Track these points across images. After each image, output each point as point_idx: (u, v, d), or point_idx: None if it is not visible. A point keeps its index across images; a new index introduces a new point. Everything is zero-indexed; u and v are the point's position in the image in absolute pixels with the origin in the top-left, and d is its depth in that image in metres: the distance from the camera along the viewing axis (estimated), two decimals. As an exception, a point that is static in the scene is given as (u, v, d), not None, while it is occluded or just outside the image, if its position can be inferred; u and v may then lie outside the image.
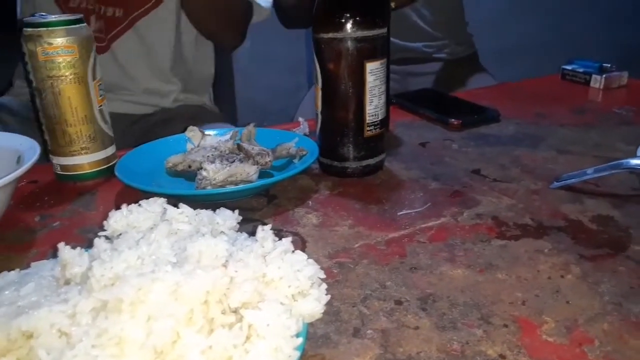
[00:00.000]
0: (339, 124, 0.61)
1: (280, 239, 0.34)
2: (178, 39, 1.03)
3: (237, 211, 0.39)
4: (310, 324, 0.36)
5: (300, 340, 0.29)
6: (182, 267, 0.29)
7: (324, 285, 0.32)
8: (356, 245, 0.47)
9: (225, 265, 0.29)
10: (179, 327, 0.27)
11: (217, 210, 0.39)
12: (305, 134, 0.71)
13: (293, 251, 0.33)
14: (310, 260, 0.33)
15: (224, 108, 1.22)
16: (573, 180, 0.55)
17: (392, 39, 1.31)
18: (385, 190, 0.59)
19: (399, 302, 0.39)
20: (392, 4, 0.93)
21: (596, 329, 0.35)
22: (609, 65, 0.95)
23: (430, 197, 0.56)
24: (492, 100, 0.90)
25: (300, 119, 0.76)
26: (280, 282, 0.31)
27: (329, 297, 0.32)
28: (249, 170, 0.55)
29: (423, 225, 0.50)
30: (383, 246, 0.46)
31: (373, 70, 0.59)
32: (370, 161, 0.62)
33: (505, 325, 0.36)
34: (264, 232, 0.33)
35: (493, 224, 0.49)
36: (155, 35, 1.00)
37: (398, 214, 0.53)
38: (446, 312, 0.37)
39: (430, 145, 0.71)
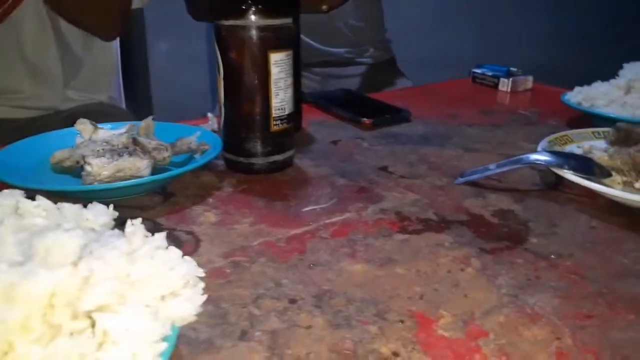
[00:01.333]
0: (243, 118, 0.58)
1: (170, 239, 0.30)
2: (57, 31, 0.92)
3: (111, 206, 0.34)
4: (194, 329, 0.32)
5: (164, 345, 0.25)
6: (24, 265, 0.25)
7: (201, 285, 0.29)
8: (255, 243, 0.44)
9: (76, 263, 0.25)
10: (12, 336, 0.22)
11: (89, 205, 0.34)
12: (213, 130, 0.67)
13: (167, 248, 0.29)
14: (187, 258, 0.29)
15: (139, 108, 1.14)
16: (476, 176, 0.55)
17: (314, 42, 1.32)
18: (292, 186, 0.56)
19: (293, 301, 0.36)
20: (324, 7, 0.92)
21: (492, 322, 0.34)
22: (516, 70, 0.99)
23: (337, 193, 0.54)
24: (405, 101, 0.90)
25: (209, 115, 0.72)
26: (147, 282, 0.27)
27: (204, 297, 0.28)
28: (140, 165, 0.50)
29: (327, 221, 0.47)
30: (283, 243, 0.44)
31: (278, 62, 0.56)
32: (278, 157, 0.59)
33: (402, 321, 0.34)
34: (134, 227, 0.29)
35: (396, 219, 0.48)
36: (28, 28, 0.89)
37: (302, 210, 0.50)
38: (342, 309, 0.35)
39: (341, 144, 0.70)
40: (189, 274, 0.28)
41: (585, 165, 0.51)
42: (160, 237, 0.30)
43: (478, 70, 1.02)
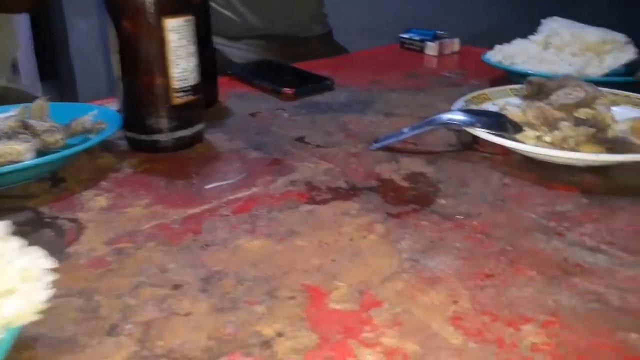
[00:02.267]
0: (142, 92, 0.53)
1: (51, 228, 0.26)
2: None
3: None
4: (57, 326, 0.29)
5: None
6: None
7: (48, 278, 0.25)
8: (146, 227, 0.40)
9: None
10: None
11: None
12: (119, 110, 0.62)
13: (6, 239, 0.25)
14: (33, 248, 0.26)
15: (61, 89, 1.06)
16: (391, 140, 0.53)
17: (251, 15, 1.27)
18: (200, 163, 0.52)
19: (176, 287, 0.33)
20: None
21: (389, 290, 0.32)
22: (443, 33, 0.97)
23: (247, 167, 0.51)
24: (331, 70, 0.87)
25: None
26: (-25, 278, 0.23)
27: (50, 292, 0.25)
28: (20, 149, 0.45)
29: (231, 197, 0.44)
30: (178, 225, 0.40)
31: (176, 28, 0.52)
32: (185, 133, 0.55)
33: (293, 297, 0.31)
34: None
35: (305, 190, 0.45)
36: None
37: (206, 187, 0.47)
38: (230, 291, 0.32)
39: (260, 115, 0.66)
40: (30, 266, 0.25)
41: (497, 121, 0.49)
42: (1, 225, 0.26)
43: (405, 36, 1.00)
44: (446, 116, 0.51)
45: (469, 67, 0.86)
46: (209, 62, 0.68)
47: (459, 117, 0.50)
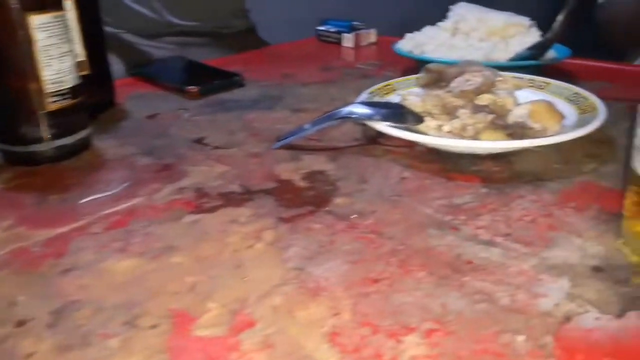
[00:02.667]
0: (12, 98, 0.47)
1: None
2: None
3: None
4: None
5: None
6: None
7: None
8: (1, 253, 0.35)
9: None
10: None
11: None
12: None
13: None
14: None
15: None
16: (292, 138, 0.50)
17: (167, 12, 1.21)
18: (82, 174, 0.47)
19: (21, 323, 0.28)
20: None
21: (265, 307, 0.29)
22: (359, 24, 0.95)
23: (133, 176, 0.46)
24: (244, 65, 0.83)
25: None
26: None
27: None
28: None
29: (107, 211, 0.40)
30: (39, 247, 0.35)
31: (43, 26, 0.46)
32: (66, 141, 0.50)
33: (155, 326, 0.28)
34: None
35: (193, 197, 0.42)
36: None
37: (81, 202, 0.42)
38: (83, 324, 0.28)
39: (159, 117, 0.62)
40: None
41: (397, 113, 0.47)
42: None
43: (322, 28, 0.98)
44: (346, 110, 0.48)
45: (384, 58, 0.85)
46: (101, 61, 0.63)
47: (358, 110, 0.48)
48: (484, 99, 0.47)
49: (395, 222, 0.37)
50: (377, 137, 0.51)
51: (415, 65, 0.75)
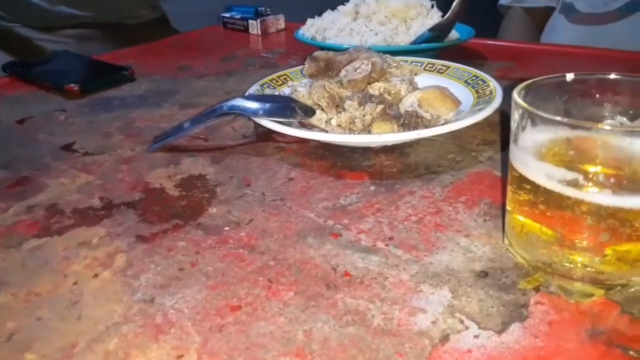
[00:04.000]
0: None
1: None
2: None
3: None
4: None
5: None
6: None
7: None
8: None
9: None
10: None
11: None
12: None
13: None
14: None
15: None
16: (171, 139, 0.45)
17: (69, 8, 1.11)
18: None
19: None
20: None
21: (96, 354, 0.24)
22: (264, 9, 0.90)
23: (-22, 194, 0.39)
24: (138, 58, 0.76)
25: None
26: None
27: None
28: None
29: None
30: None
31: None
32: None
33: (-55, 395, 0.22)
34: None
35: (43, 217, 0.36)
36: None
37: None
38: None
39: (30, 122, 0.54)
40: None
41: (285, 107, 0.43)
42: None
43: (227, 15, 0.92)
44: (228, 104, 0.44)
45: (292, 45, 0.80)
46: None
47: (242, 104, 0.43)
48: (378, 87, 0.44)
49: (271, 232, 0.32)
50: (271, 133, 0.47)
51: (321, 52, 0.71)
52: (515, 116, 0.25)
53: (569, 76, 0.27)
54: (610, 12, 0.90)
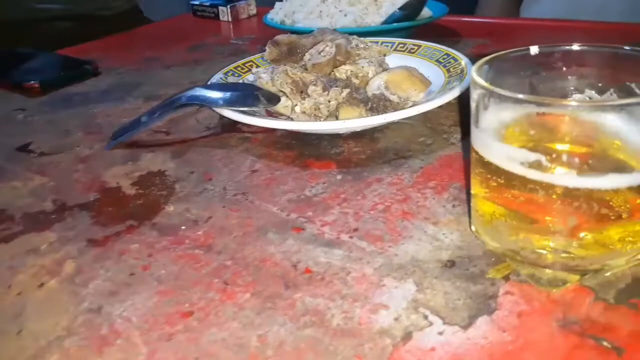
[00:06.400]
0: None
1: None
2: None
3: None
4: None
5: None
6: None
7: None
8: None
9: None
10: None
11: None
12: None
13: None
14: None
15: None
16: (129, 134, 0.43)
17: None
18: None
19: None
20: None
21: (33, 372, 0.22)
22: (236, -5, 0.87)
23: None
24: (105, 50, 0.74)
25: None
26: None
27: None
28: None
29: None
30: None
31: None
32: None
33: None
34: None
35: (-9, 224, 0.34)
36: None
37: None
38: None
39: (-13, 123, 0.52)
40: None
41: (247, 95, 0.41)
42: None
43: (196, 2, 0.89)
44: (187, 95, 0.41)
45: (263, 31, 0.77)
46: None
47: (202, 94, 0.41)
48: (342, 71, 0.42)
49: (230, 230, 0.31)
50: (236, 124, 0.45)
51: (291, 36, 0.69)
52: (474, 95, 0.23)
53: (533, 49, 0.26)
54: None
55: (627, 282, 0.24)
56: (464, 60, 0.45)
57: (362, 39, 0.48)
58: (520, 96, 0.21)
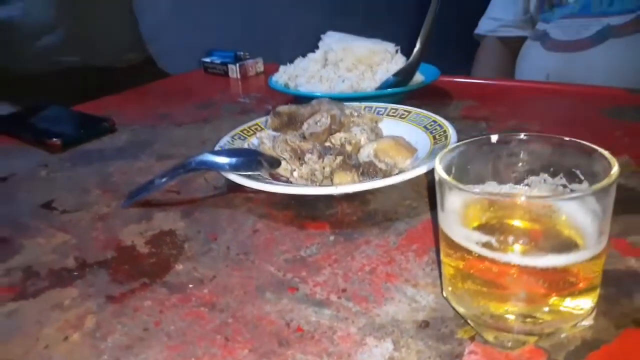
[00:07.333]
0: None
1: None
2: None
3: None
4: None
5: None
6: None
7: None
8: None
9: None
10: None
11: None
12: None
13: None
14: None
15: None
16: (143, 195, 0.47)
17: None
18: None
19: None
20: None
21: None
22: (243, 53, 0.94)
23: (-42, 258, 0.41)
24: (120, 106, 0.79)
25: None
26: None
27: None
28: None
29: None
30: None
31: None
32: None
33: None
34: None
35: (20, 280, 0.37)
36: None
37: None
38: None
39: (13, 179, 0.57)
40: None
41: (250, 160, 0.45)
42: None
43: (207, 59, 0.95)
44: (196, 160, 0.46)
45: (268, 90, 0.83)
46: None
47: (210, 159, 0.46)
48: (337, 138, 0.46)
49: (232, 289, 0.34)
50: (239, 184, 0.49)
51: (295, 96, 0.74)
52: (438, 181, 0.27)
53: (494, 137, 0.30)
54: (583, 39, 0.93)
55: (576, 344, 0.27)
56: (449, 128, 0.50)
57: (357, 105, 0.53)
58: (476, 190, 0.25)
